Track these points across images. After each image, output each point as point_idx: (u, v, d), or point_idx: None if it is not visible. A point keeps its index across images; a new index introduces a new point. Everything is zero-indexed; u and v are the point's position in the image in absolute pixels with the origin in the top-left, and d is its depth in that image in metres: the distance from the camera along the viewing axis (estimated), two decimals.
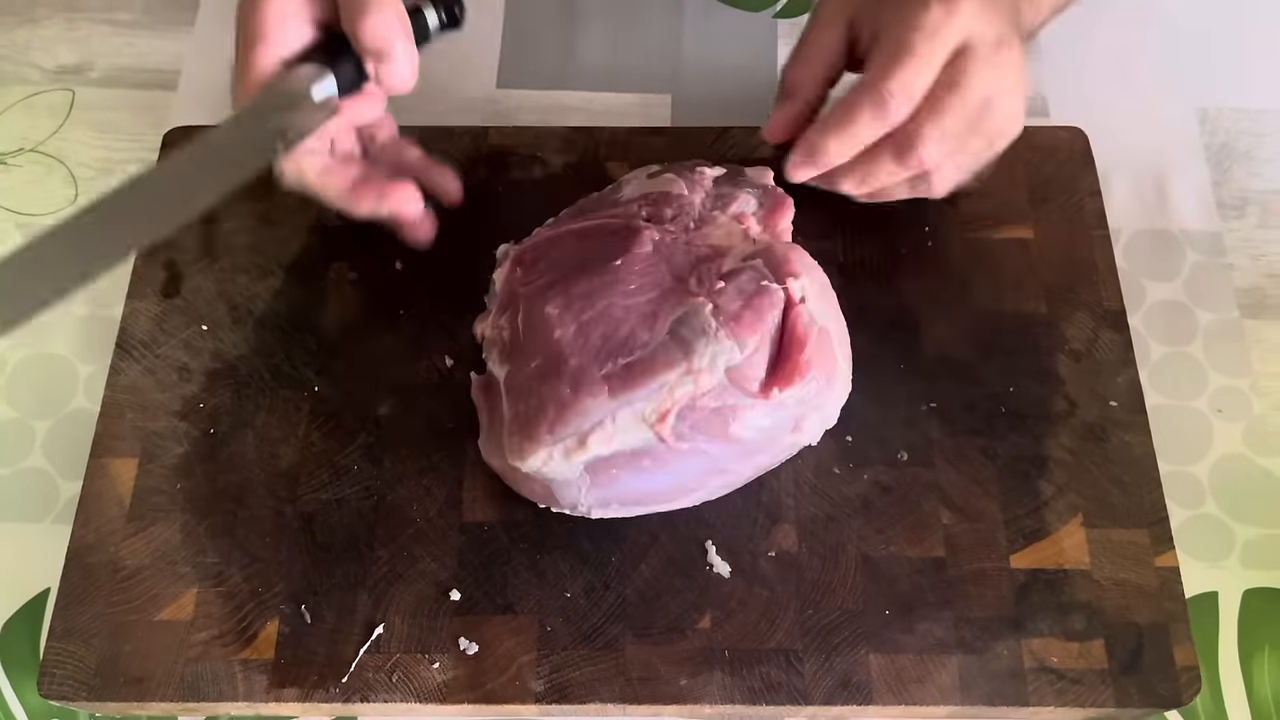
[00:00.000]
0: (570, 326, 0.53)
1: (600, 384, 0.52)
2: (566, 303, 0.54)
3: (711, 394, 0.51)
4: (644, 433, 0.52)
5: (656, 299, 0.53)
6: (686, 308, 0.52)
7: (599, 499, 0.54)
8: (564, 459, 0.52)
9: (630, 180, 0.60)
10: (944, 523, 0.57)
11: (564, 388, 0.52)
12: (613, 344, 0.52)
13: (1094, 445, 0.59)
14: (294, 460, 0.59)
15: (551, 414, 0.52)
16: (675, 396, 0.51)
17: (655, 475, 0.53)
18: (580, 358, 0.52)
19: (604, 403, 0.51)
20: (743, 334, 0.51)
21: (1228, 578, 0.60)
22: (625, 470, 0.52)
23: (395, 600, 0.55)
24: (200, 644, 0.55)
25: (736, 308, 0.51)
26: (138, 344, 0.62)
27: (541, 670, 0.54)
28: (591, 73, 0.74)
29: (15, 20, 0.76)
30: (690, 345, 0.51)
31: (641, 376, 0.51)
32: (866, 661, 0.54)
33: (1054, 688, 0.54)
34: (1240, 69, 0.74)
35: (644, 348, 0.52)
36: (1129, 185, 0.69)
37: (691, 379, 0.51)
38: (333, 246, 0.64)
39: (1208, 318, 0.66)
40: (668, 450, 0.52)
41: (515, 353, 0.55)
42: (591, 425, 0.52)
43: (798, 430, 0.53)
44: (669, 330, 0.52)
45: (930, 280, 0.63)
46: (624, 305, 0.53)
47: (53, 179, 0.70)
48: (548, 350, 0.53)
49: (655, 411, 0.51)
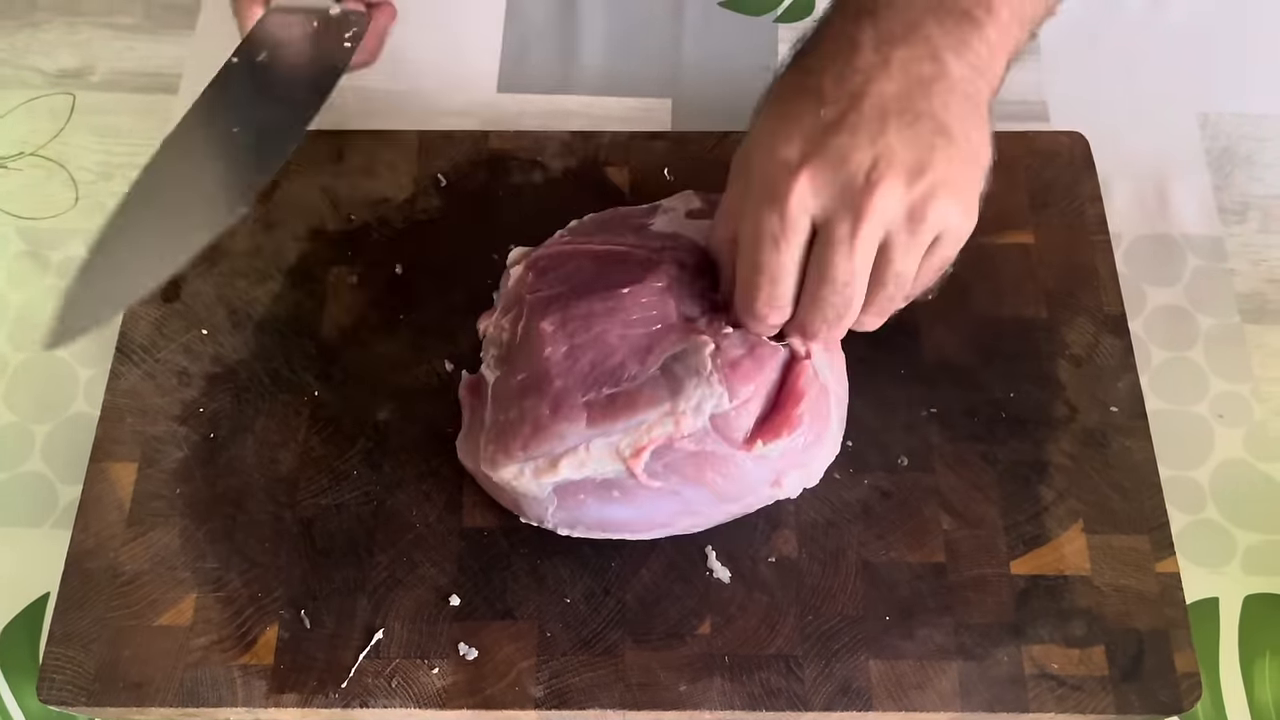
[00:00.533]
0: (562, 346, 0.53)
1: (580, 410, 0.51)
2: (563, 321, 0.53)
3: (692, 438, 0.51)
4: (616, 465, 0.51)
5: (656, 333, 0.52)
6: (686, 345, 0.51)
7: (565, 520, 0.54)
8: (534, 478, 0.52)
9: (669, 211, 0.58)
10: (944, 528, 0.57)
11: (544, 408, 0.52)
12: (600, 371, 0.52)
13: (1095, 450, 0.59)
14: (293, 465, 0.59)
15: (527, 431, 0.52)
16: (652, 435, 0.51)
17: (623, 507, 0.53)
18: (565, 380, 0.52)
19: (580, 430, 0.51)
20: (737, 382, 0.50)
21: (1229, 583, 0.59)
22: (593, 498, 0.52)
23: (395, 605, 0.55)
24: (199, 649, 0.55)
25: (738, 355, 0.51)
26: (138, 348, 0.62)
27: (541, 676, 0.54)
28: (592, 77, 0.74)
29: (16, 24, 0.76)
30: (680, 385, 0.51)
31: (622, 409, 0.51)
32: (866, 667, 0.54)
33: (1054, 694, 0.54)
34: (1241, 74, 0.74)
35: (631, 380, 0.51)
36: (1130, 190, 0.69)
37: (672, 420, 0.50)
38: (332, 251, 0.64)
39: (1209, 323, 0.65)
40: (638, 486, 0.52)
41: (508, 359, 0.55)
42: (564, 450, 0.51)
43: (777, 485, 0.53)
44: (662, 365, 0.51)
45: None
46: (620, 334, 0.52)
47: (53, 183, 0.70)
48: (535, 366, 0.53)
49: (630, 446, 0.51)
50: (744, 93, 0.73)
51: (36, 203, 0.70)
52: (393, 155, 0.67)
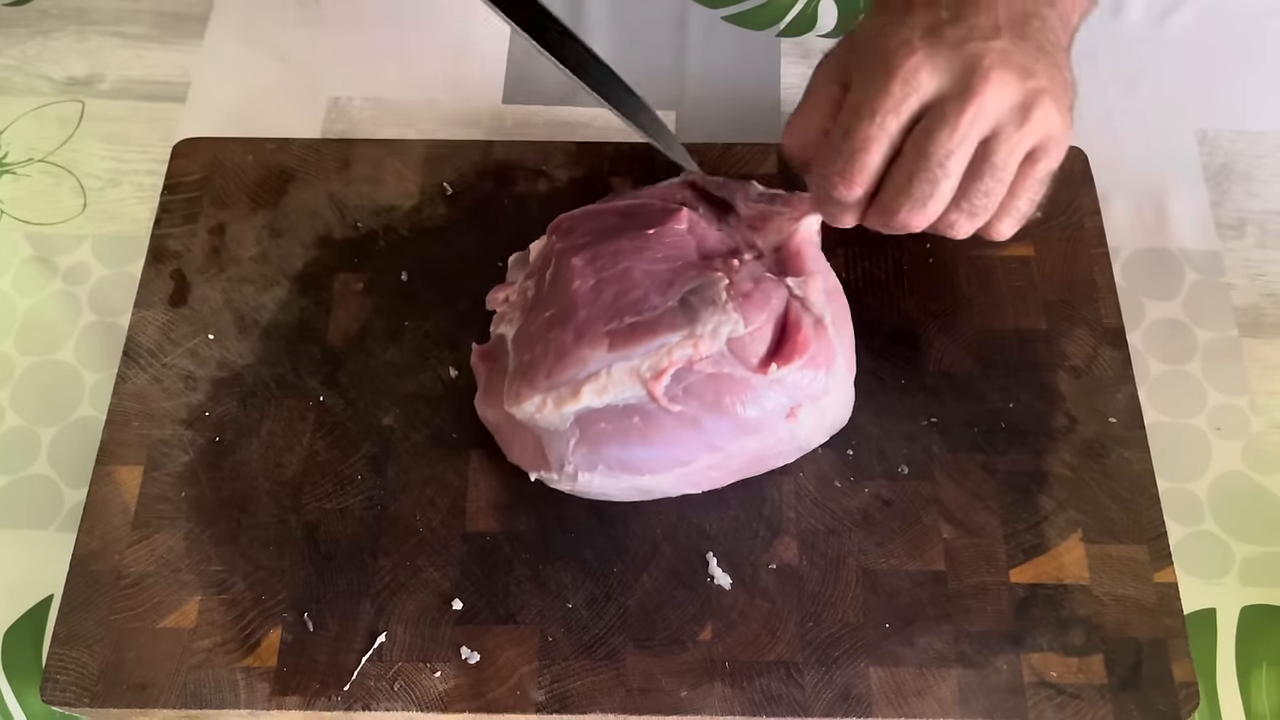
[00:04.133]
0: (590, 280, 0.54)
1: (602, 337, 0.53)
2: (592, 257, 0.55)
3: (709, 360, 0.52)
4: (638, 389, 0.52)
5: (677, 269, 0.55)
6: (703, 280, 0.54)
7: (585, 458, 0.54)
8: (556, 407, 0.53)
9: (680, 178, 0.61)
10: (944, 537, 0.57)
11: (567, 335, 0.53)
12: (623, 303, 0.54)
13: (1093, 461, 0.59)
14: (298, 469, 0.59)
15: (551, 360, 0.53)
16: (673, 357, 0.52)
17: (643, 438, 0.53)
18: (590, 310, 0.54)
19: (602, 354, 0.52)
20: (750, 311, 0.52)
21: (1226, 595, 0.60)
22: (614, 426, 0.53)
23: (398, 609, 0.56)
24: (203, 651, 0.55)
25: (748, 287, 0.53)
26: (145, 352, 0.62)
27: (543, 680, 0.54)
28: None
29: (26, 32, 0.77)
30: (696, 313, 0.53)
31: (643, 334, 0.52)
32: (866, 674, 0.54)
33: (1053, 702, 0.54)
34: (1239, 91, 0.75)
35: (652, 310, 0.53)
36: (1128, 205, 0.70)
37: (691, 344, 0.52)
38: (338, 257, 0.65)
39: (1206, 336, 0.66)
40: (658, 410, 0.52)
41: (534, 307, 0.57)
42: (587, 375, 0.53)
43: (793, 418, 0.54)
44: (680, 299, 0.53)
45: (932, 296, 0.63)
46: (644, 270, 0.54)
47: (62, 189, 0.71)
48: (563, 300, 0.55)
49: (651, 369, 0.52)
50: (747, 105, 0.74)
51: (45, 209, 0.70)
52: (399, 164, 0.68)
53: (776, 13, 0.78)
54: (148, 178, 0.71)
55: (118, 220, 0.70)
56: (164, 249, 0.65)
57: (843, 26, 0.77)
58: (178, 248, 0.65)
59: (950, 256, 0.64)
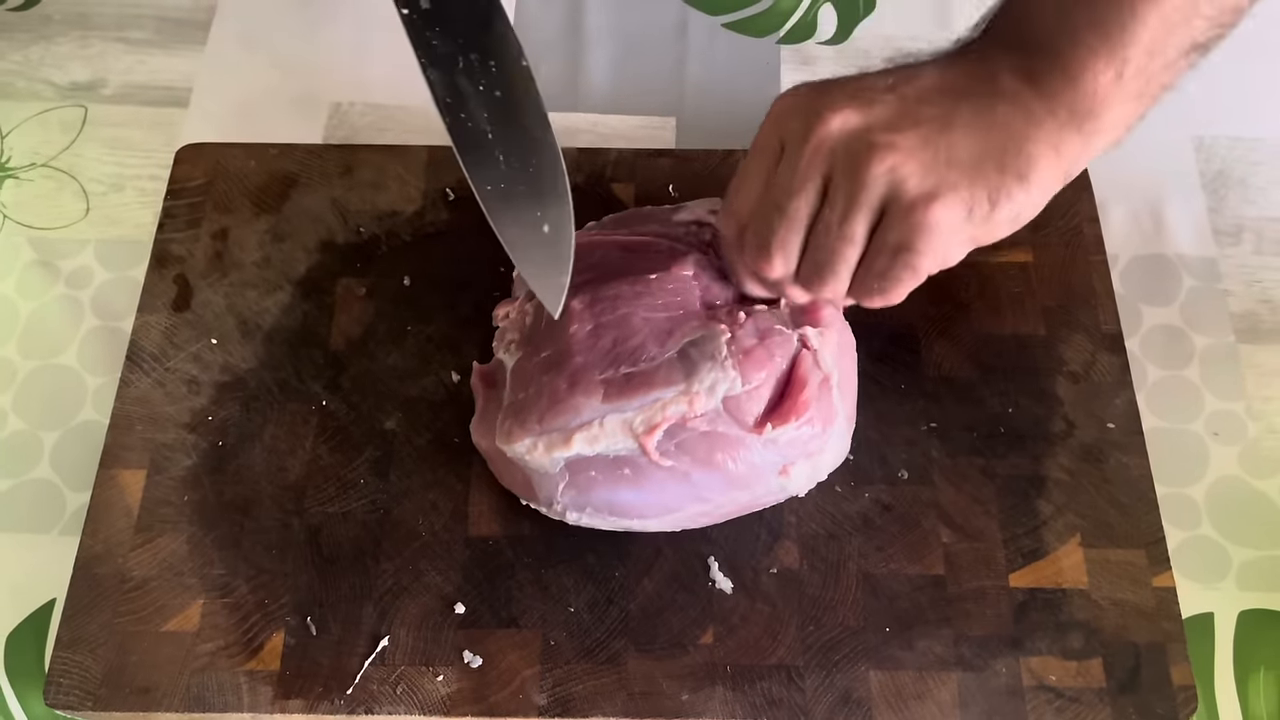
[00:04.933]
0: (588, 325, 0.54)
1: (597, 386, 0.52)
2: (591, 301, 0.54)
3: (704, 418, 0.52)
4: (629, 442, 0.52)
5: (678, 318, 0.54)
6: (704, 332, 0.53)
7: (574, 500, 0.54)
8: (546, 451, 0.53)
9: (689, 206, 0.59)
10: (944, 541, 0.58)
11: (562, 382, 0.53)
12: (621, 351, 0.53)
13: (1092, 466, 0.60)
14: (301, 474, 0.59)
15: (544, 405, 0.53)
16: (667, 413, 0.52)
17: (633, 489, 0.53)
18: (586, 356, 0.53)
19: (595, 404, 0.52)
20: (749, 369, 0.51)
21: (1224, 599, 0.60)
22: (604, 475, 0.53)
23: (400, 613, 0.56)
24: (206, 655, 0.55)
25: (751, 344, 0.52)
26: (148, 357, 0.62)
27: (545, 684, 0.54)
28: (598, 95, 0.75)
29: (29, 37, 0.77)
30: (695, 368, 0.52)
31: (638, 387, 0.52)
32: (867, 678, 0.55)
33: (1052, 705, 0.54)
34: (1236, 98, 0.75)
35: (649, 361, 0.53)
36: (1126, 211, 0.70)
37: (686, 400, 0.52)
38: (341, 262, 0.65)
39: (1204, 342, 0.66)
40: (649, 465, 0.53)
41: (530, 340, 0.56)
42: (579, 424, 0.52)
43: (784, 474, 0.54)
44: (679, 350, 0.53)
45: (931, 301, 0.64)
46: (644, 317, 0.54)
47: (64, 194, 0.71)
48: (559, 343, 0.54)
49: (644, 423, 0.52)
50: (747, 112, 0.74)
51: (48, 213, 0.71)
52: (402, 169, 0.68)
53: (776, 20, 0.79)
54: (150, 183, 0.71)
55: (120, 225, 0.70)
56: (167, 254, 0.66)
57: (842, 33, 0.78)
58: (181, 252, 0.66)
59: None
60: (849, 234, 0.47)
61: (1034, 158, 0.46)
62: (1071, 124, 0.46)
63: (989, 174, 0.46)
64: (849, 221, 0.47)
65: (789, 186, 0.48)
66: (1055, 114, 0.46)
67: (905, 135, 0.45)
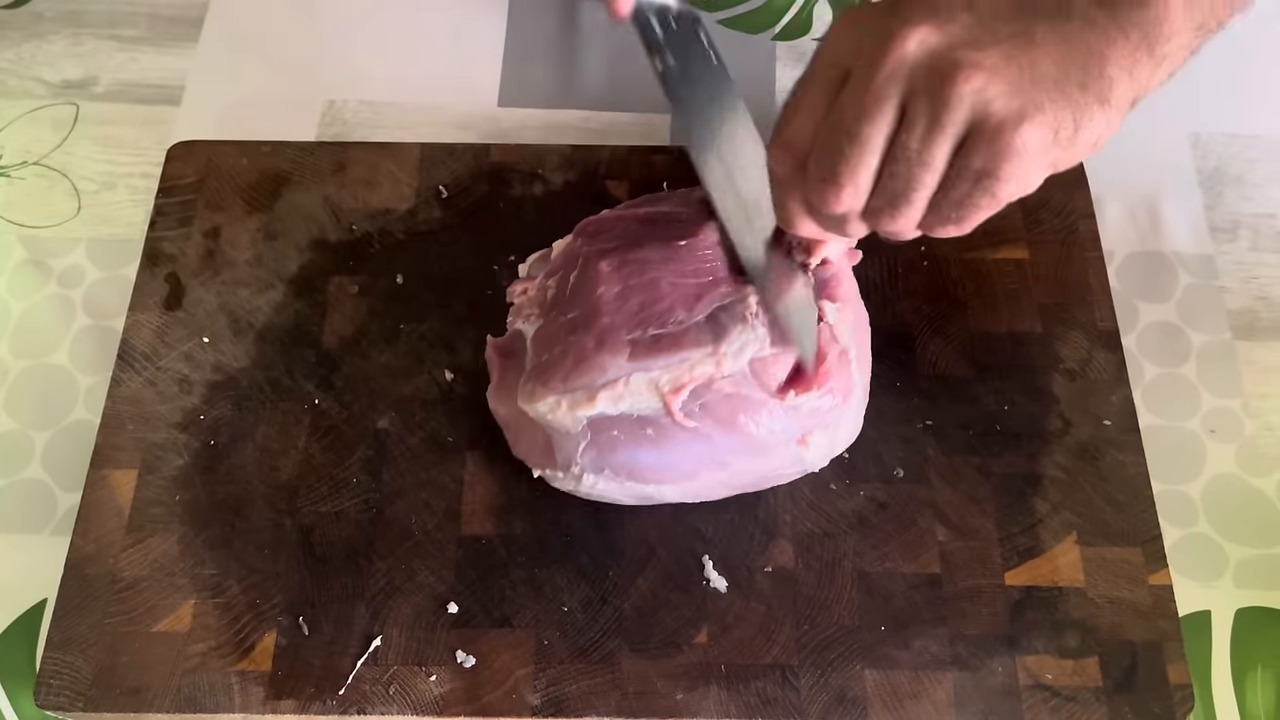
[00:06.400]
0: (615, 286, 0.54)
1: (624, 345, 0.52)
2: (619, 264, 0.54)
3: (729, 380, 0.52)
4: (654, 401, 0.52)
5: (706, 284, 0.54)
6: (735, 296, 0.53)
7: (594, 461, 0.54)
8: (570, 410, 0.53)
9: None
10: (939, 539, 0.57)
11: (589, 341, 0.53)
12: (648, 313, 0.53)
13: (1088, 464, 0.59)
14: (293, 473, 0.59)
15: (569, 364, 0.53)
16: (694, 373, 0.52)
17: (654, 451, 0.53)
18: (614, 317, 0.53)
19: (621, 363, 0.52)
20: (777, 333, 0.52)
21: (1220, 597, 0.60)
22: (626, 434, 0.53)
23: (393, 613, 0.56)
24: (197, 655, 0.55)
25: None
26: (139, 356, 0.62)
27: (538, 684, 0.54)
28: (592, 92, 0.75)
29: (21, 35, 0.77)
30: (724, 330, 0.52)
31: (666, 348, 0.52)
32: (862, 677, 0.54)
33: (1048, 704, 0.54)
34: (1232, 95, 0.75)
35: (677, 325, 0.53)
36: (1122, 208, 0.70)
37: (714, 361, 0.52)
38: (334, 260, 0.65)
39: (1200, 339, 0.66)
40: (672, 425, 0.52)
41: (555, 306, 0.56)
42: (604, 382, 0.52)
43: (803, 444, 0.54)
44: (709, 315, 0.53)
45: (926, 299, 0.64)
46: (672, 282, 0.54)
47: (56, 192, 0.71)
48: (587, 304, 0.54)
49: (670, 383, 0.52)
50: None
51: (39, 212, 0.70)
52: (394, 167, 0.68)
53: (772, 16, 0.78)
54: (142, 181, 0.71)
55: (112, 223, 0.70)
56: (158, 252, 0.65)
57: None
58: (172, 251, 0.65)
59: (945, 259, 0.65)
60: (930, 159, 0.44)
61: (1113, 79, 0.44)
62: (1144, 46, 0.45)
63: (1073, 94, 0.44)
64: (931, 145, 0.44)
65: (861, 109, 0.44)
66: (1128, 35, 0.45)
67: (988, 53, 0.43)
